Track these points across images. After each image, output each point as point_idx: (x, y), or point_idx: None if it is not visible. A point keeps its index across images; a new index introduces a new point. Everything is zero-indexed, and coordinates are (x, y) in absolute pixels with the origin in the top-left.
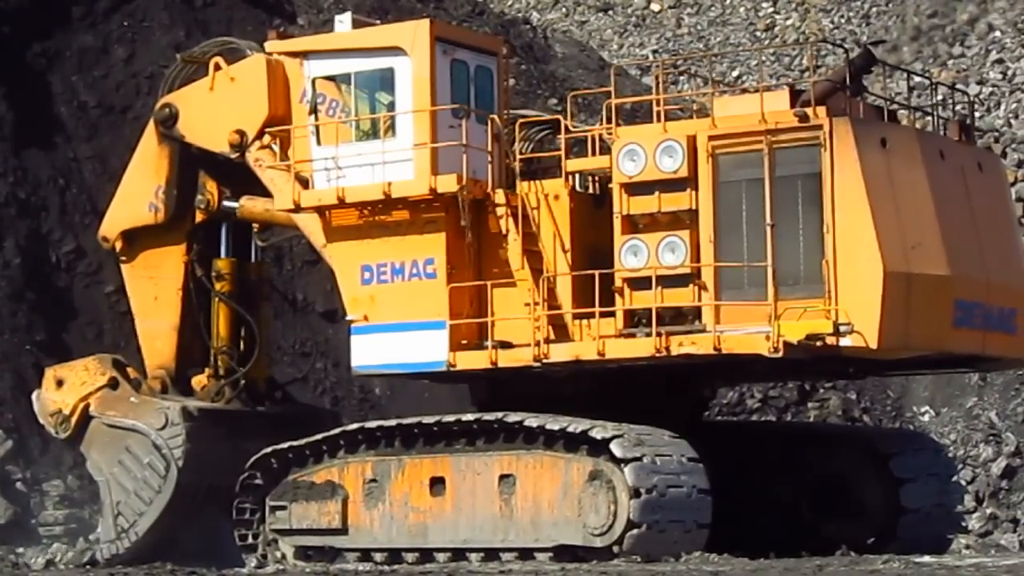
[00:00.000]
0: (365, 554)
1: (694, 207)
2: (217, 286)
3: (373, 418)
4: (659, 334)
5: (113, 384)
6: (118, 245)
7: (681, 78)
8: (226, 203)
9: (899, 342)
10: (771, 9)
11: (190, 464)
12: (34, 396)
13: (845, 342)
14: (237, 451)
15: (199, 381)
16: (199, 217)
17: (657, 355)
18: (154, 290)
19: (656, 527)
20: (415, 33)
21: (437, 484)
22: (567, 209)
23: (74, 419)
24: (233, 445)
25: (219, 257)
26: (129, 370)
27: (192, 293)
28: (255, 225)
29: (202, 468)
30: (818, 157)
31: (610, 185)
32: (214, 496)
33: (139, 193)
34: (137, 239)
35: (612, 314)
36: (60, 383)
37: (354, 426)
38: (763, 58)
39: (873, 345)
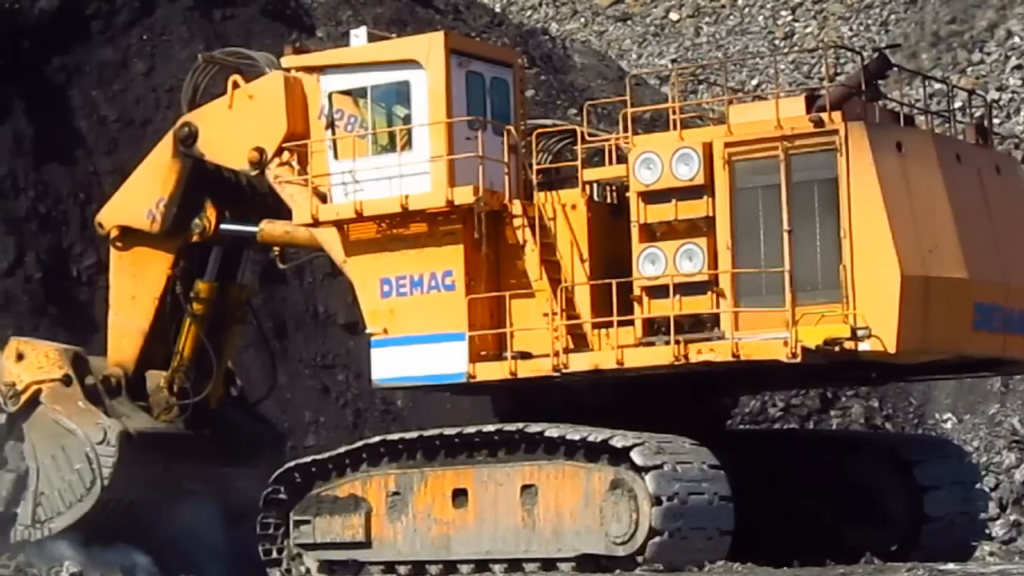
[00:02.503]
0: (389, 567)
1: (711, 214)
2: (193, 307)
3: (395, 430)
4: (678, 342)
5: (66, 381)
6: (113, 233)
7: (701, 87)
8: (225, 226)
9: (918, 346)
10: (790, 17)
11: (116, 483)
12: None
13: (863, 346)
14: (167, 473)
15: (154, 378)
16: (193, 238)
17: (676, 363)
18: (133, 289)
19: (678, 535)
20: (430, 46)
21: (460, 496)
22: (584, 219)
23: (24, 397)
24: (164, 467)
25: (202, 277)
26: (92, 361)
27: (168, 305)
28: (275, 248)
29: (127, 488)
30: (834, 162)
31: (627, 194)
32: (132, 511)
33: (141, 197)
34: (131, 235)
35: (631, 323)
36: (20, 357)
37: (376, 439)
38: (782, 66)
39: (891, 349)
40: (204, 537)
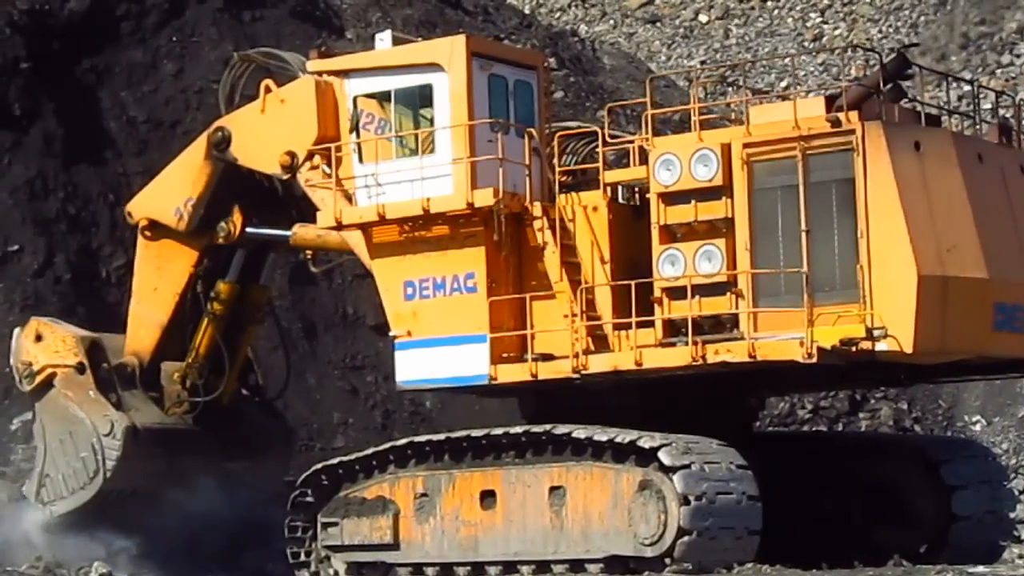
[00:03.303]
0: (417, 569)
1: (730, 215)
2: (212, 306)
3: (424, 431)
4: (696, 343)
5: (79, 369)
6: (142, 223)
7: (729, 89)
8: (251, 230)
9: (936, 346)
10: (819, 19)
11: (118, 476)
12: (16, 332)
13: (880, 347)
14: (171, 466)
15: (168, 371)
16: (218, 240)
17: (694, 364)
18: (156, 281)
19: (707, 534)
20: (452, 49)
21: (488, 497)
22: (605, 220)
23: (39, 379)
24: (169, 461)
25: (224, 278)
26: (113, 340)
27: (188, 302)
28: (307, 252)
29: (130, 479)
30: (851, 162)
31: (647, 195)
32: (134, 499)
33: (171, 194)
34: (159, 228)
35: (652, 324)
36: (39, 338)
37: (403, 441)
38: (811, 68)
39: (908, 349)
40: (201, 528)
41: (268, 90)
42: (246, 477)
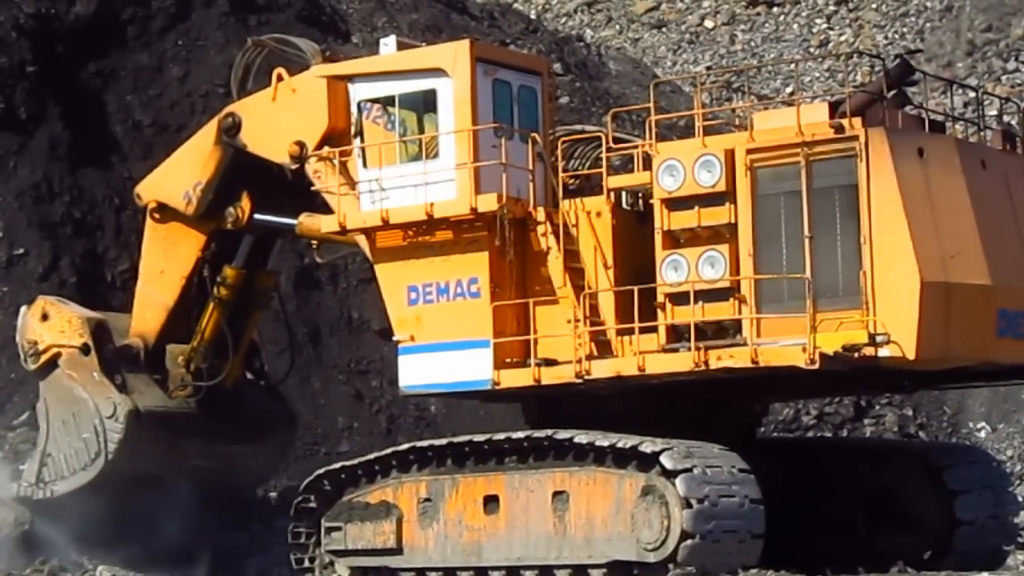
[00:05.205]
0: (420, 573)
1: (733, 221)
2: (219, 291)
3: (429, 436)
4: (698, 348)
5: (84, 350)
6: (151, 205)
7: (734, 94)
8: (259, 216)
9: (939, 353)
10: (825, 25)
11: (119, 458)
12: (23, 310)
13: (883, 353)
14: (173, 448)
15: (173, 353)
16: (226, 225)
17: (696, 369)
18: (163, 264)
19: (710, 537)
20: (456, 54)
21: (491, 502)
22: (609, 226)
23: (43, 358)
24: (171, 444)
25: (231, 263)
26: (119, 319)
27: (194, 285)
28: (313, 242)
29: (132, 462)
30: (854, 168)
31: (651, 201)
32: (137, 481)
33: (180, 178)
34: (168, 210)
35: (655, 330)
36: (45, 317)
37: (406, 446)
38: (816, 74)
39: (911, 356)
40: (205, 532)
41: (280, 78)
42: (246, 460)
